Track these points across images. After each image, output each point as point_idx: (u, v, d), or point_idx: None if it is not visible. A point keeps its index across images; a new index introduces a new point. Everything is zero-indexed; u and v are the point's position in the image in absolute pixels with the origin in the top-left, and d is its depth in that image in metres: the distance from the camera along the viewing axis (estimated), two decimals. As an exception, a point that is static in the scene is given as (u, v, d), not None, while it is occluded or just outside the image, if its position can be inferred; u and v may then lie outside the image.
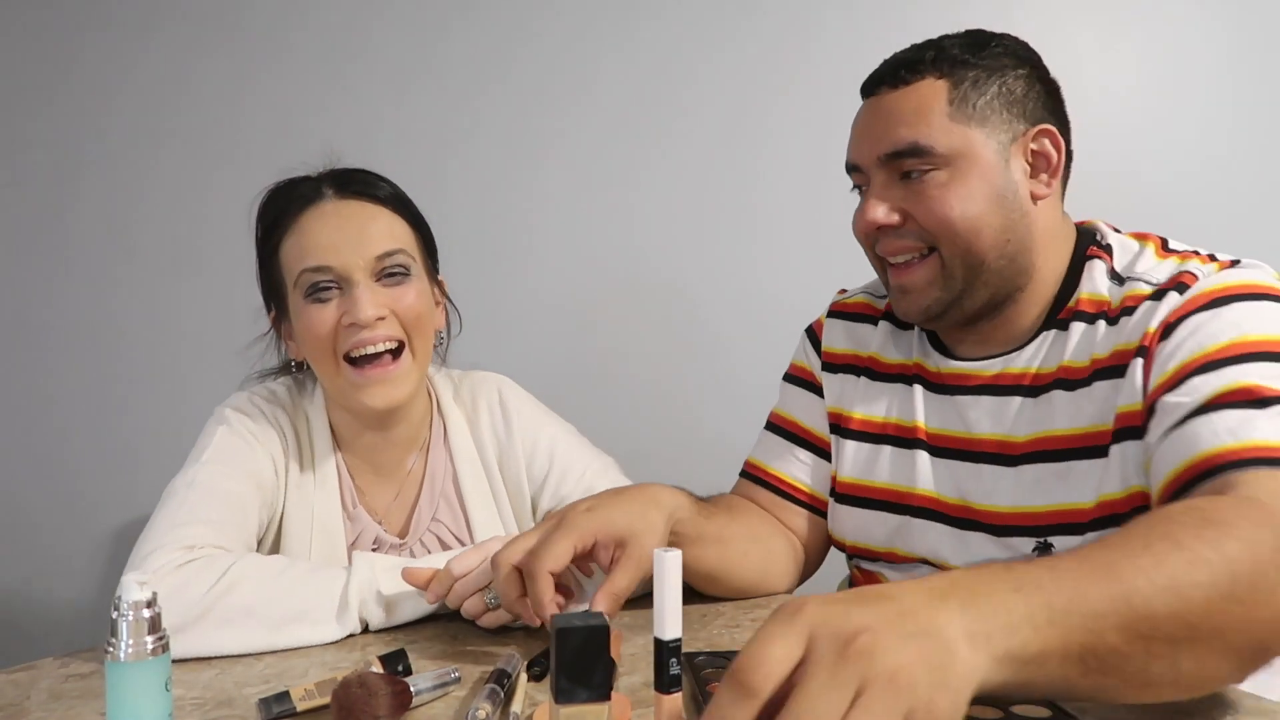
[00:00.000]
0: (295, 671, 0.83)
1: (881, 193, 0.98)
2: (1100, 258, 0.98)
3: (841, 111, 1.56)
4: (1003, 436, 0.98)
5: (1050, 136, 0.98)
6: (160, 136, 1.77)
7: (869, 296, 1.17)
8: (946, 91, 0.96)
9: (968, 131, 0.95)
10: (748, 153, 1.63)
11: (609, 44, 1.65)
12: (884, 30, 1.57)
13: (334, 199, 1.05)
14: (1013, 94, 0.97)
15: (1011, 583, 0.58)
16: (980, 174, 0.95)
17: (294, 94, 1.72)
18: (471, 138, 1.68)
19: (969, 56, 0.97)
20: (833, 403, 1.14)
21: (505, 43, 1.67)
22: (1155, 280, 0.93)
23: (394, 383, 1.04)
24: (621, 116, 1.66)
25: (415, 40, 1.69)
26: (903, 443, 1.06)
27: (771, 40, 1.61)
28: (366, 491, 1.14)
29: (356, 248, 1.02)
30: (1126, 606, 0.59)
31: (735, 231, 1.64)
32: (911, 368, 1.08)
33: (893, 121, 0.97)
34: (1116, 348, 0.92)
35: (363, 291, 1.01)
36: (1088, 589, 0.59)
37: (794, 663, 0.50)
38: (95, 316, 1.80)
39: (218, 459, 1.03)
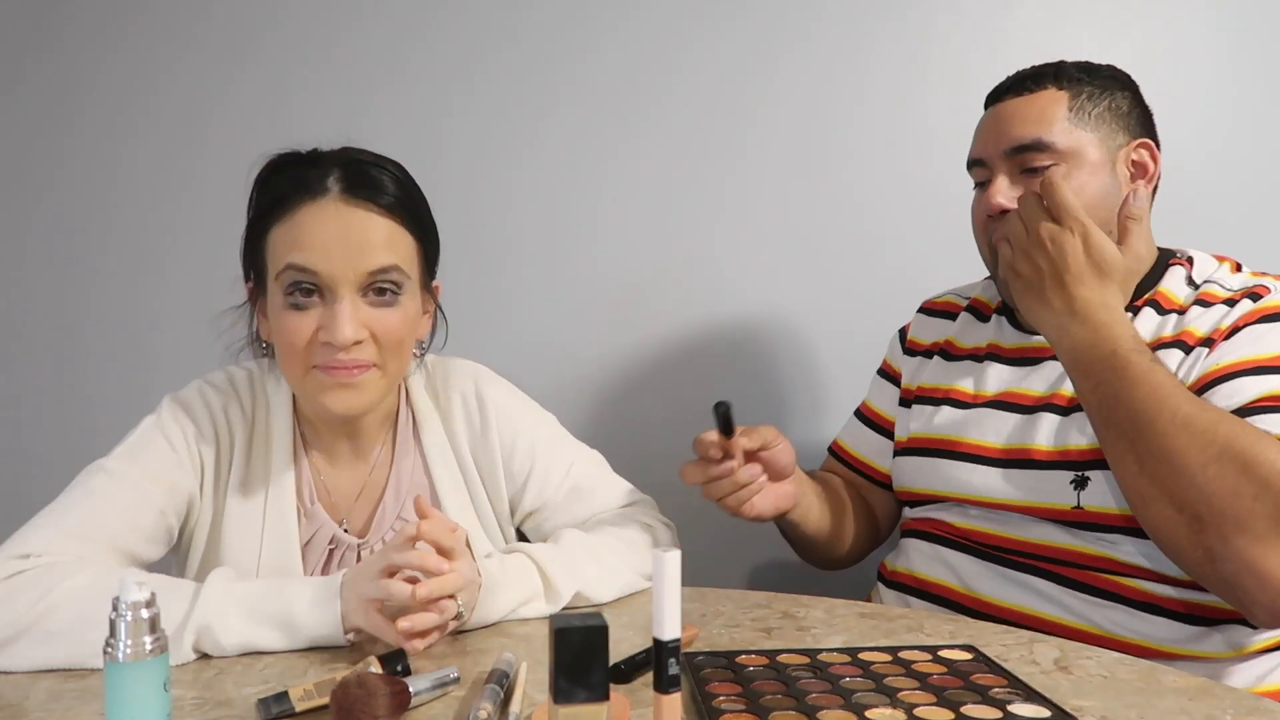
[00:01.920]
0: (294, 672, 0.83)
1: (1005, 182, 1.11)
2: (1182, 265, 1.11)
3: (832, 104, 1.60)
4: (1064, 393, 1.08)
5: (1149, 149, 1.11)
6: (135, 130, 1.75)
7: (954, 296, 1.32)
8: (1066, 100, 1.09)
9: (1082, 134, 1.08)
10: (738, 148, 1.62)
11: (595, 39, 1.64)
12: (883, 26, 1.58)
13: (338, 198, 0.96)
14: (1120, 110, 1.10)
15: (1119, 347, 0.96)
16: (1091, 171, 1.08)
17: (272, 89, 1.71)
18: (454, 133, 1.66)
19: (1084, 75, 1.11)
20: (907, 381, 1.29)
21: (487, 39, 1.66)
22: (1229, 287, 1.06)
23: (358, 389, 0.97)
24: (606, 112, 1.64)
25: (395, 36, 1.68)
26: (963, 405, 1.17)
27: (760, 34, 1.61)
28: (327, 487, 1.07)
29: (350, 258, 0.94)
30: (1144, 411, 0.92)
31: (726, 227, 1.63)
32: (984, 349, 1.20)
33: (1017, 121, 1.10)
34: (1187, 329, 1.03)
35: (345, 307, 0.94)
36: (1140, 390, 0.93)
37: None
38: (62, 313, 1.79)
39: (128, 457, 0.97)
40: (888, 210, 1.60)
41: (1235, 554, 0.87)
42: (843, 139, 1.60)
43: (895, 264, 1.59)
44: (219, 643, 0.85)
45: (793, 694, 0.75)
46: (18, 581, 0.84)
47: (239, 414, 1.04)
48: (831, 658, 0.83)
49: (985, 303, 1.26)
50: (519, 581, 0.97)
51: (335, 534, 1.05)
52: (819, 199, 1.61)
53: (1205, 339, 1.01)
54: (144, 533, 0.95)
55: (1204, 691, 0.77)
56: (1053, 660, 0.84)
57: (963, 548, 1.11)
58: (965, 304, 1.28)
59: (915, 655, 0.83)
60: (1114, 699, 0.76)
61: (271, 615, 0.86)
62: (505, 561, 0.99)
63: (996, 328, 1.21)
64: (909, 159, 1.58)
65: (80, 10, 1.77)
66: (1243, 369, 0.97)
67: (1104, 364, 0.95)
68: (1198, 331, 1.02)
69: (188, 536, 1.03)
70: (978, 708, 0.72)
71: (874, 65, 1.59)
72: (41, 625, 0.82)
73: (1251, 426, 0.90)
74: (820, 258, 1.61)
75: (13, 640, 0.82)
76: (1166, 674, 0.81)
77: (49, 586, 0.83)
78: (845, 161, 1.60)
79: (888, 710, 0.72)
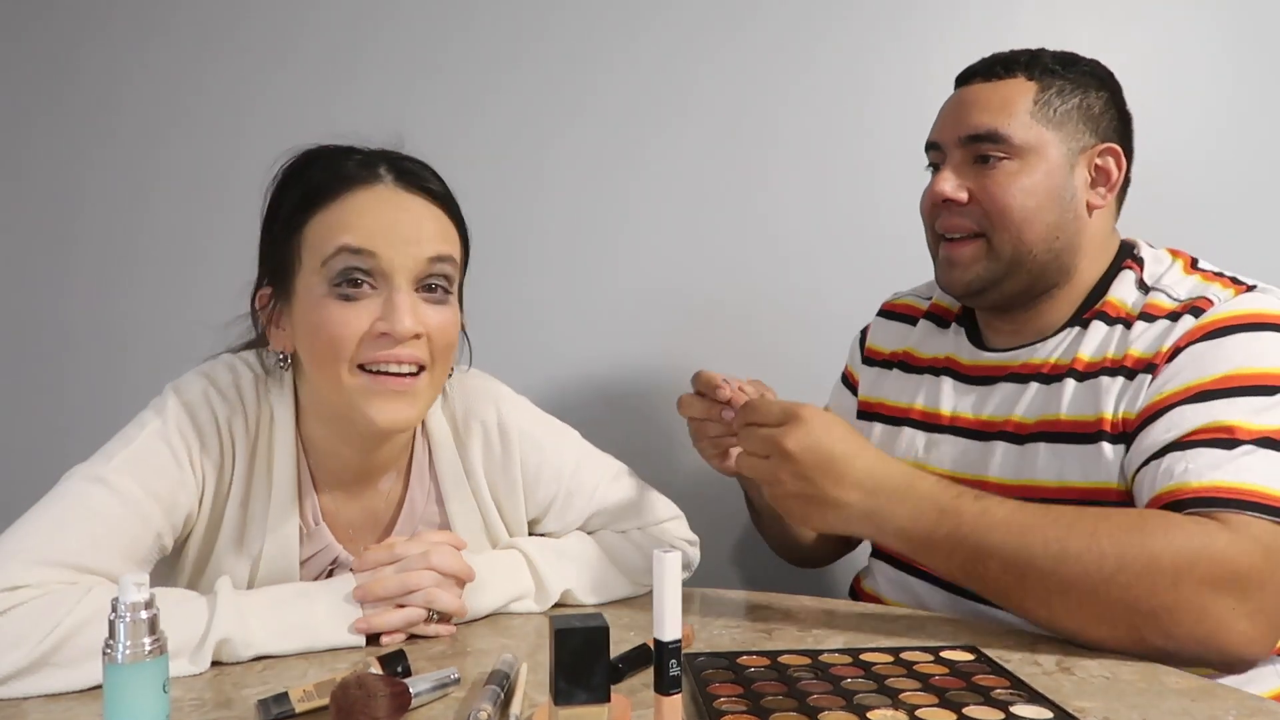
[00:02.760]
0: (294, 673, 0.82)
1: (955, 170, 1.07)
2: (1132, 268, 1.06)
3: (849, 111, 1.59)
4: (1017, 419, 1.05)
5: (1114, 155, 1.06)
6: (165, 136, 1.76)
7: (915, 298, 1.27)
8: (1034, 92, 1.04)
9: (1043, 131, 1.03)
10: (755, 152, 1.62)
11: (615, 45, 1.63)
12: (886, 29, 1.58)
13: (392, 185, 0.90)
14: (1091, 110, 1.05)
15: (943, 503, 0.88)
16: (1046, 172, 1.03)
17: (296, 94, 1.71)
18: (477, 138, 1.66)
19: (1059, 68, 1.05)
20: (865, 393, 1.25)
21: (511, 44, 1.66)
22: (1176, 295, 1.00)
23: (411, 399, 0.90)
24: (627, 117, 1.64)
25: (420, 41, 1.68)
26: (923, 425, 1.14)
27: (777, 39, 1.60)
28: (331, 509, 1.01)
29: (410, 243, 0.88)
30: (1014, 554, 0.85)
31: (743, 233, 1.63)
32: (942, 361, 1.16)
33: (978, 108, 1.05)
34: (1129, 353, 0.98)
35: (404, 297, 0.88)
36: (993, 533, 0.86)
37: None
38: (98, 317, 1.79)
39: (130, 470, 0.89)
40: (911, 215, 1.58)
41: (1186, 641, 0.83)
42: (860, 146, 1.59)
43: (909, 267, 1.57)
44: (239, 654, 0.84)
45: (794, 695, 0.75)
46: (19, 615, 0.78)
47: (242, 428, 0.96)
48: (833, 659, 0.83)
49: (946, 307, 1.21)
50: (508, 579, 0.98)
51: (339, 556, 1.01)
52: (841, 204, 1.60)
53: (1147, 362, 0.96)
54: (138, 556, 0.89)
55: (1206, 692, 0.77)
56: (1055, 661, 0.84)
57: (927, 578, 1.08)
58: (925, 307, 1.23)
59: (917, 656, 0.83)
60: (1116, 700, 0.75)
61: (293, 626, 0.87)
62: (495, 560, 0.99)
63: (955, 340, 1.17)
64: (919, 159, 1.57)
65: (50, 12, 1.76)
66: (1182, 397, 0.92)
67: (938, 529, 0.87)
68: (1139, 353, 0.97)
69: (177, 549, 0.97)
70: (980, 709, 0.72)
71: (884, 71, 1.58)
72: (53, 660, 0.78)
73: (1124, 515, 0.86)
74: (849, 264, 1.59)
75: (23, 675, 0.77)
76: (1169, 675, 0.81)
77: (56, 620, 0.78)
78: (863, 167, 1.59)
79: (889, 711, 0.71)
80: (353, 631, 0.88)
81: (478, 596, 0.96)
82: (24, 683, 0.77)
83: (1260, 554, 0.82)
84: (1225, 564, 0.82)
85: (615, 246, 1.66)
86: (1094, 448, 0.97)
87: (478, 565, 0.96)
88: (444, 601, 0.91)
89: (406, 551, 0.92)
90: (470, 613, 0.95)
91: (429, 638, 0.92)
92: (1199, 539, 0.83)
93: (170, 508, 0.91)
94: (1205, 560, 0.82)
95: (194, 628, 0.83)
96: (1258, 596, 0.82)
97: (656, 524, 1.12)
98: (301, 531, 0.98)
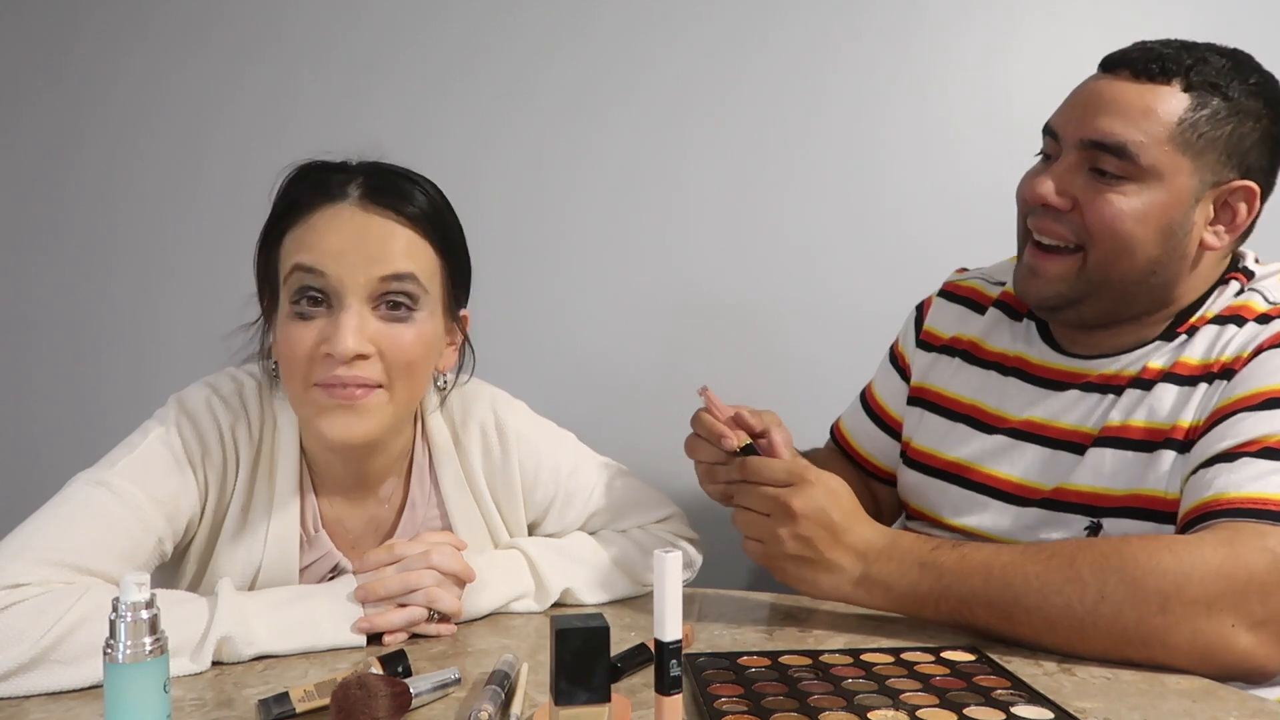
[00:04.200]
0: (295, 672, 0.82)
1: (1064, 174, 0.95)
2: (1238, 279, 0.98)
3: (863, 115, 1.59)
4: (1084, 428, 0.99)
5: (1249, 197, 0.95)
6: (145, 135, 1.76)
7: (983, 283, 1.18)
8: (1184, 108, 0.92)
9: (1179, 158, 0.92)
10: (767, 155, 1.61)
11: (636, 54, 1.63)
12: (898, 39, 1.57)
13: (357, 203, 0.90)
14: (1241, 143, 0.93)
15: (922, 557, 0.88)
16: (1165, 203, 0.92)
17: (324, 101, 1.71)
18: (505, 145, 1.66)
19: (1223, 83, 0.92)
20: (919, 379, 1.18)
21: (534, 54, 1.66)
22: (1271, 298, 0.95)
23: (360, 414, 0.89)
24: (640, 122, 1.64)
25: (450, 46, 1.67)
26: (982, 426, 1.08)
27: (806, 46, 1.59)
28: (332, 515, 1.01)
29: (361, 262, 0.87)
30: (997, 596, 0.85)
31: (764, 239, 1.62)
32: (1011, 359, 1.09)
33: (1114, 111, 0.93)
34: (1208, 359, 0.93)
35: (350, 317, 0.87)
36: (972, 579, 0.86)
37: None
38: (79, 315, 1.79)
39: (133, 475, 0.89)
40: (917, 216, 1.57)
41: (1185, 661, 0.81)
42: (875, 149, 1.59)
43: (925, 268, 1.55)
44: (240, 653, 0.84)
45: (795, 695, 0.74)
46: (19, 612, 0.79)
47: (246, 435, 0.97)
48: (834, 659, 0.83)
49: (1018, 298, 1.11)
50: (508, 579, 0.99)
51: (339, 562, 1.01)
52: (853, 206, 1.59)
53: (1226, 366, 0.91)
54: (138, 560, 0.90)
55: (1207, 693, 0.77)
56: (1056, 662, 0.84)
57: None
58: (996, 295, 1.15)
59: (918, 656, 0.83)
60: (1117, 700, 0.75)
61: (295, 625, 0.87)
62: (495, 559, 1.00)
63: (1026, 336, 1.09)
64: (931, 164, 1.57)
65: (93, 17, 1.77)
66: (1249, 403, 0.87)
67: (921, 584, 0.88)
68: (1221, 356, 0.92)
69: (179, 554, 0.98)
70: (981, 709, 0.72)
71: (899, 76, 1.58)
72: (52, 656, 0.78)
73: (1106, 543, 0.85)
74: (861, 265, 1.59)
75: (22, 671, 0.77)
76: (1170, 676, 0.81)
77: (55, 618, 0.78)
78: (877, 169, 1.59)
79: (890, 712, 0.71)
80: (354, 631, 0.88)
81: (478, 596, 0.96)
82: (24, 679, 0.77)
83: (1268, 562, 0.80)
84: (1219, 580, 0.79)
85: (626, 247, 1.66)
86: (1154, 456, 0.93)
87: (478, 565, 0.96)
88: (445, 601, 0.91)
89: (407, 551, 0.92)
90: (470, 612, 0.95)
91: (430, 637, 0.92)
92: (1189, 559, 0.80)
93: (172, 513, 0.92)
94: (1196, 581, 0.79)
95: (195, 627, 0.83)
96: (1262, 606, 0.80)
97: (656, 522, 1.12)
98: (301, 538, 0.99)
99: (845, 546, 0.89)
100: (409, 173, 0.96)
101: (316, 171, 0.94)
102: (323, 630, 0.87)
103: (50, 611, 0.78)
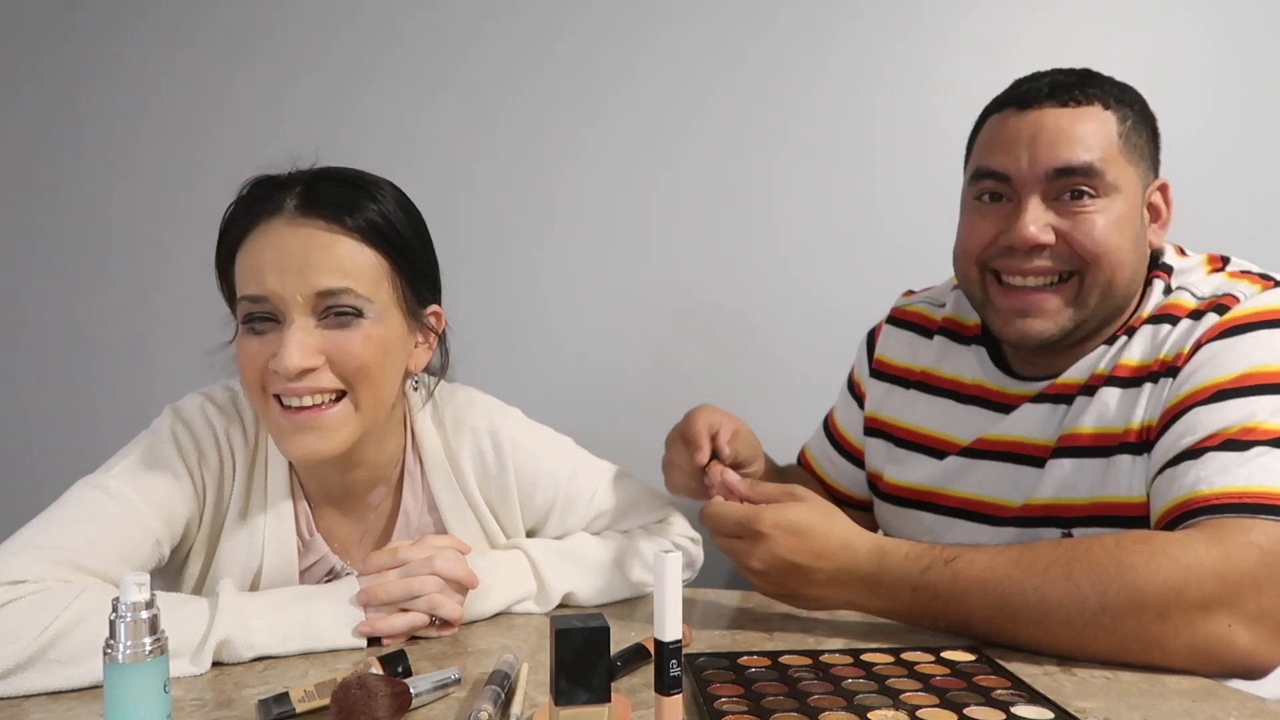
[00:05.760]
0: (295, 673, 0.82)
1: (1039, 210, 0.96)
2: (1161, 277, 1.00)
3: (852, 117, 1.59)
4: (1040, 440, 1.01)
5: (1164, 192, 1.00)
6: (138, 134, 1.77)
7: (928, 306, 1.19)
8: (1115, 124, 0.95)
9: (1128, 169, 0.96)
10: (758, 156, 1.62)
11: (626, 53, 1.64)
12: (891, 37, 1.58)
13: (292, 215, 0.89)
14: (1148, 144, 0.99)
15: (914, 581, 0.86)
16: (1129, 213, 0.96)
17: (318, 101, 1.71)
18: (488, 147, 1.67)
19: (1124, 97, 0.97)
20: (873, 409, 1.19)
21: (523, 53, 1.66)
22: (1199, 294, 0.96)
23: (322, 432, 0.89)
24: (630, 122, 1.64)
25: (439, 47, 1.68)
26: (943, 453, 1.09)
27: (786, 49, 1.60)
28: (324, 522, 1.02)
29: (297, 279, 0.87)
30: (995, 613, 0.84)
31: (753, 239, 1.63)
32: (970, 387, 1.10)
33: (1069, 138, 0.94)
34: (1148, 359, 0.95)
35: (293, 334, 0.87)
36: (969, 598, 0.84)
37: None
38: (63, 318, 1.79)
39: (129, 478, 0.91)
40: (908, 217, 1.58)
41: (1185, 664, 0.81)
42: (863, 151, 1.60)
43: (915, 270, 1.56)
44: (240, 655, 0.84)
45: (795, 695, 0.74)
46: (16, 609, 0.79)
47: (241, 439, 0.98)
48: (834, 659, 0.83)
49: (959, 321, 1.15)
50: (510, 582, 0.98)
51: (335, 566, 1.02)
52: (843, 209, 1.60)
53: (1168, 365, 0.93)
54: (136, 560, 0.91)
55: (1207, 693, 0.77)
56: (1056, 662, 0.84)
57: None
58: (940, 319, 1.16)
59: (918, 656, 0.83)
60: (1117, 700, 0.75)
61: (295, 627, 0.87)
62: (497, 561, 0.99)
63: (979, 362, 1.10)
64: (924, 164, 1.57)
65: (85, 14, 1.77)
66: (1199, 399, 0.89)
67: (915, 606, 0.87)
68: (1160, 355, 0.94)
69: (180, 559, 0.99)
70: (981, 709, 0.72)
71: (888, 78, 1.59)
72: (50, 655, 0.78)
73: (1103, 550, 0.82)
74: (851, 268, 1.60)
75: (20, 669, 0.78)
76: (1170, 675, 0.80)
77: (53, 615, 0.78)
78: (866, 172, 1.59)
79: (890, 712, 0.71)
80: (355, 635, 0.88)
81: (480, 601, 0.96)
82: (21, 679, 0.78)
83: (1256, 558, 0.80)
84: (1215, 581, 0.79)
85: (617, 249, 1.66)
86: (1110, 461, 0.95)
87: (480, 567, 0.96)
88: (446, 608, 0.91)
89: (410, 556, 0.92)
90: (472, 615, 0.95)
91: (430, 638, 0.92)
92: (1185, 561, 0.80)
93: (168, 515, 0.93)
94: (1194, 584, 0.79)
95: (195, 628, 0.83)
96: (1256, 603, 0.80)
97: (658, 522, 1.12)
98: (299, 545, 1.00)
99: (819, 582, 0.88)
100: (356, 175, 0.95)
101: (257, 186, 0.94)
102: (323, 632, 0.87)
103: (47, 610, 0.79)
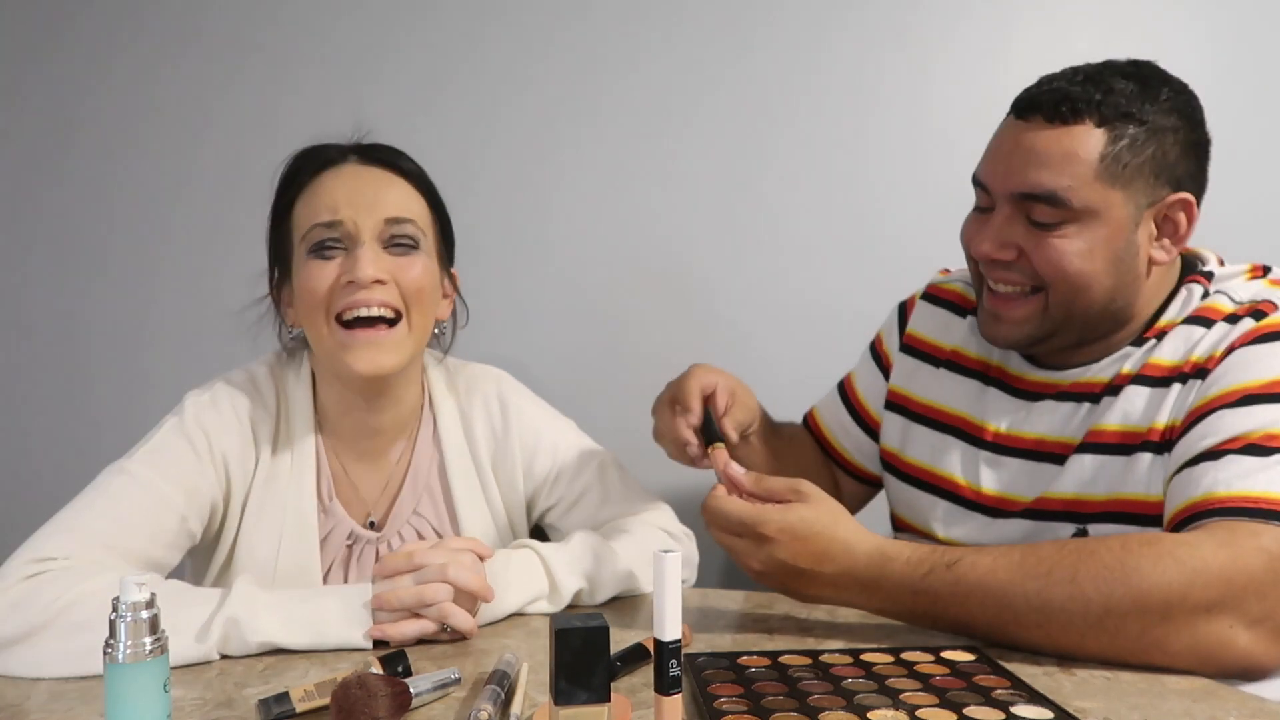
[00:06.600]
0: (295, 672, 0.82)
1: (1002, 227, 0.97)
2: (1199, 282, 0.99)
3: (852, 114, 1.59)
4: (1063, 438, 1.00)
5: (1186, 208, 0.95)
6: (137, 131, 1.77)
7: (965, 286, 1.17)
8: (1102, 145, 0.92)
9: (1109, 193, 0.92)
10: (767, 151, 1.62)
11: (625, 53, 1.64)
12: (890, 34, 1.58)
13: (355, 163, 1.04)
14: (1166, 159, 0.94)
15: (915, 586, 0.85)
16: (1107, 236, 0.94)
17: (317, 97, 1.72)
18: (495, 138, 1.68)
19: (1135, 109, 0.92)
20: (899, 383, 1.18)
21: (523, 53, 1.67)
22: (1237, 298, 0.95)
23: (383, 348, 0.99)
24: (631, 118, 1.65)
25: (441, 41, 1.68)
26: (969, 439, 1.09)
27: (788, 43, 1.60)
28: (346, 481, 1.09)
29: (369, 208, 1.00)
30: (996, 616, 0.83)
31: (754, 229, 1.63)
32: (993, 369, 1.10)
33: (1037, 161, 0.93)
34: (1179, 360, 0.95)
35: (366, 251, 0.98)
36: (970, 602, 0.84)
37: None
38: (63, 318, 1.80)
39: (150, 460, 0.98)
40: (905, 215, 1.58)
41: (1185, 665, 0.81)
42: (863, 149, 1.60)
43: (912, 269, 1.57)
44: (246, 639, 0.85)
45: (795, 695, 0.75)
46: (40, 580, 0.84)
47: (263, 413, 1.06)
48: (834, 659, 0.83)
49: None
50: (523, 583, 0.98)
51: (353, 529, 1.07)
52: (843, 205, 1.60)
53: (1199, 366, 0.92)
54: (164, 539, 0.96)
55: (1207, 693, 0.77)
56: (1056, 661, 0.84)
57: None
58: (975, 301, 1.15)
59: (918, 656, 0.83)
60: (1117, 700, 0.75)
61: (303, 620, 0.87)
62: (510, 561, 0.99)
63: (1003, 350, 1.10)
64: (922, 162, 1.58)
65: (85, 15, 1.77)
66: (1226, 401, 0.88)
67: (916, 609, 0.87)
68: (1193, 357, 0.93)
69: (210, 537, 1.04)
70: (980, 709, 0.72)
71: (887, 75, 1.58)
72: (63, 619, 0.81)
73: (1108, 551, 0.81)
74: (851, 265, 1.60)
75: (33, 634, 0.81)
76: (1169, 675, 0.81)
77: (70, 584, 0.83)
78: (865, 169, 1.60)
79: (890, 712, 0.71)
80: (364, 637, 0.88)
81: (495, 603, 0.95)
82: (33, 646, 0.81)
83: (1264, 563, 0.80)
84: (1220, 584, 0.79)
85: (616, 249, 1.67)
86: (1131, 459, 0.95)
87: (493, 566, 0.95)
88: (458, 619, 0.90)
89: (426, 560, 0.90)
90: (488, 618, 0.94)
91: (439, 641, 0.91)
92: (1191, 564, 0.79)
93: (191, 493, 0.99)
94: (1199, 587, 0.79)
95: (204, 609, 0.85)
96: (1259, 606, 0.80)
97: (648, 510, 1.15)
98: (319, 509, 1.05)
99: (820, 584, 0.88)
100: (396, 148, 1.08)
101: (312, 149, 1.06)
102: (330, 628, 0.87)
103: (65, 581, 0.84)
